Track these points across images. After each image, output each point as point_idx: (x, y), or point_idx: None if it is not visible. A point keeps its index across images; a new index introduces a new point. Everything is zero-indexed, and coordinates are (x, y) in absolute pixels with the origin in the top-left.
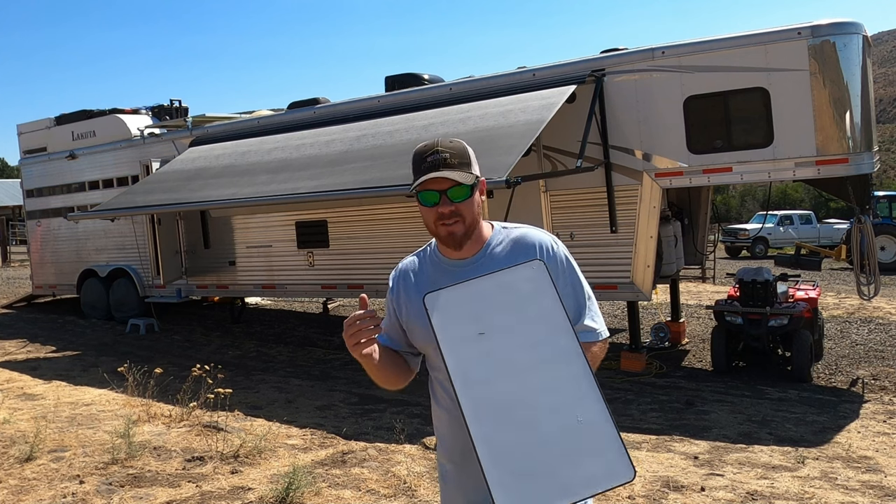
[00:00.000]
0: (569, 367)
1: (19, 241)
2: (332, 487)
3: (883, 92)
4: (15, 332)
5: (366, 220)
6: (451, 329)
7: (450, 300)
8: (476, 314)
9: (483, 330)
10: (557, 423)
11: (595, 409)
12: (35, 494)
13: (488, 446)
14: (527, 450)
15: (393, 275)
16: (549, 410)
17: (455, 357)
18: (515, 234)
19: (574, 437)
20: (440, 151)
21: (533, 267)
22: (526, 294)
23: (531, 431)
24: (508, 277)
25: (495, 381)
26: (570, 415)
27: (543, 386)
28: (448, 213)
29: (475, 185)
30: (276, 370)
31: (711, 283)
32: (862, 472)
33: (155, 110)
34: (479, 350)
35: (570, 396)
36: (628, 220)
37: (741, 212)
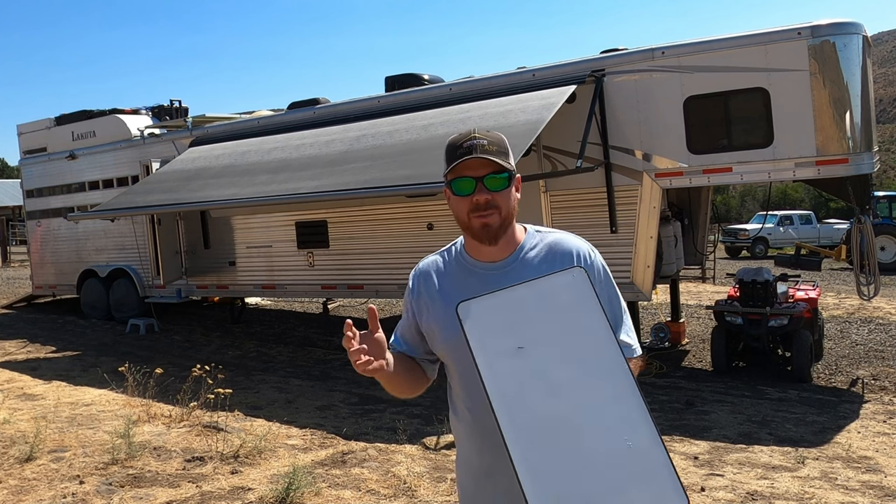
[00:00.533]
0: (614, 383)
1: (19, 241)
2: (332, 488)
3: (883, 92)
4: (15, 333)
5: (366, 220)
6: (487, 342)
7: (485, 310)
8: (514, 326)
9: (522, 343)
10: (604, 447)
11: (643, 432)
12: (35, 494)
13: (530, 471)
14: (571, 476)
15: (413, 275)
16: (594, 432)
17: (493, 373)
18: (551, 239)
19: (622, 461)
20: (477, 138)
21: (574, 274)
22: (567, 304)
23: (576, 455)
24: (548, 285)
25: (536, 400)
26: (618, 437)
27: (588, 405)
28: (484, 203)
29: (513, 176)
30: (276, 370)
31: (711, 283)
32: (862, 472)
33: (155, 110)
34: (518, 365)
35: (617, 417)
36: (628, 221)
37: (741, 212)
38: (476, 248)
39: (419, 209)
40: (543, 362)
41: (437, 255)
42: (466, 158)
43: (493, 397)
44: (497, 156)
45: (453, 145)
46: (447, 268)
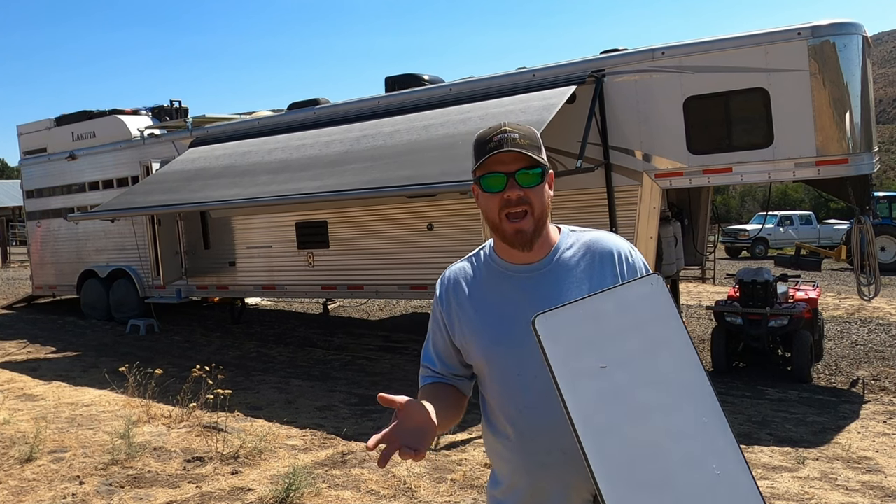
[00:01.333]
0: (699, 406)
1: (19, 241)
2: (332, 488)
3: (883, 92)
4: (15, 333)
5: (366, 220)
6: (568, 360)
7: (564, 323)
8: (595, 341)
9: (605, 362)
10: (694, 477)
11: (731, 458)
12: (35, 495)
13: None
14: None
15: (440, 284)
16: (683, 461)
17: (576, 396)
18: (588, 238)
19: (713, 494)
20: (508, 131)
21: (652, 283)
22: (647, 316)
23: (668, 489)
24: (627, 295)
25: (624, 429)
26: (706, 466)
27: (675, 431)
28: (515, 199)
29: (546, 172)
30: (276, 371)
31: (711, 283)
32: (862, 472)
33: (155, 111)
34: (601, 387)
35: (704, 443)
36: (628, 221)
37: (741, 212)
38: (507, 251)
39: (419, 209)
40: (628, 383)
41: (465, 261)
42: (497, 152)
43: (577, 422)
44: (529, 149)
45: (482, 139)
46: (477, 273)
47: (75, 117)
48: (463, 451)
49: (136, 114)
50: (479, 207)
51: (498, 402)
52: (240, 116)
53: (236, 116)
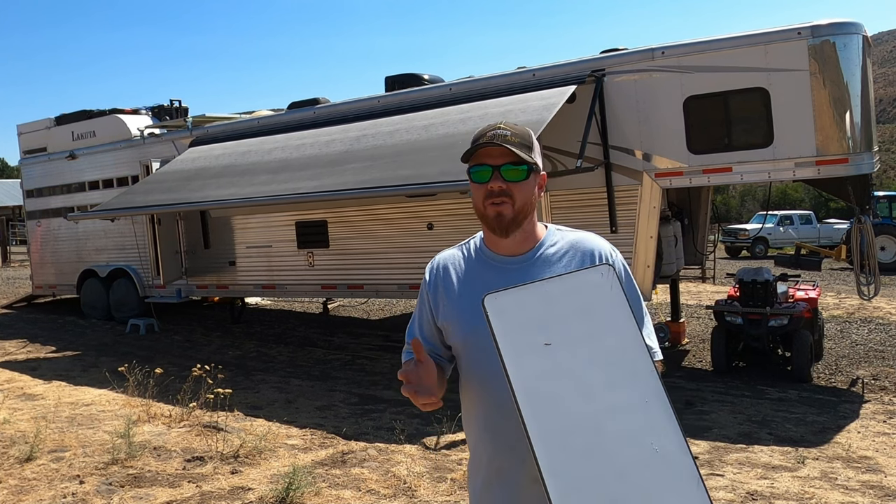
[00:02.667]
0: (642, 387)
1: (19, 241)
2: (332, 487)
3: (883, 92)
4: (15, 333)
5: (366, 220)
6: (514, 337)
7: (513, 303)
8: (541, 321)
9: (549, 340)
10: (631, 452)
11: (671, 438)
12: (35, 494)
13: (556, 473)
14: (597, 480)
15: (430, 267)
16: (622, 437)
17: (518, 369)
18: (572, 237)
19: (648, 468)
20: (502, 128)
21: (603, 272)
22: (596, 302)
23: (603, 460)
24: (577, 281)
25: (563, 401)
26: (644, 442)
27: (615, 408)
28: (497, 191)
29: (533, 170)
30: (276, 370)
31: (711, 283)
32: (862, 472)
33: (155, 110)
34: (544, 363)
35: (644, 421)
36: (628, 221)
37: (741, 212)
38: (495, 242)
39: (419, 209)
40: (572, 361)
41: (456, 249)
42: (485, 146)
43: (519, 396)
44: (517, 147)
45: (478, 135)
46: (465, 261)
47: (75, 117)
48: (463, 451)
49: (136, 113)
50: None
51: (474, 385)
52: (240, 116)
53: (236, 116)
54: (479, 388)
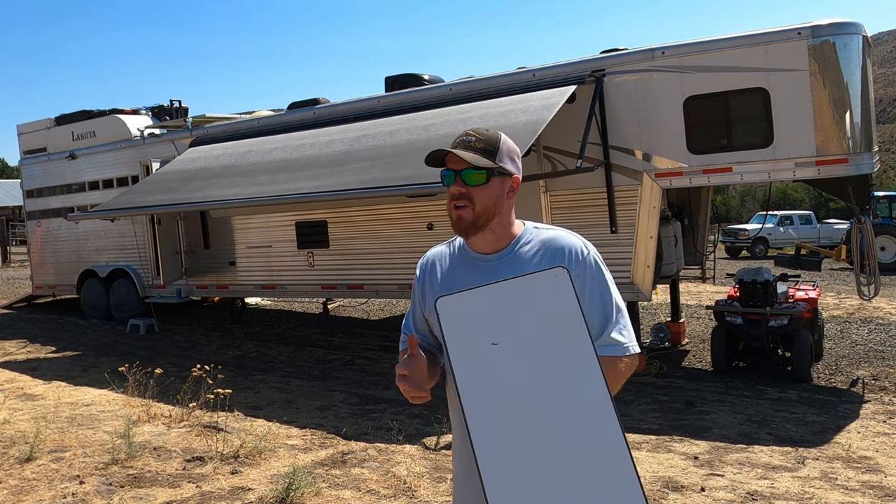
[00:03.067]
0: (586, 388)
1: (19, 241)
2: (332, 488)
3: (883, 92)
4: (15, 333)
5: (366, 220)
6: (461, 336)
7: (463, 305)
8: (490, 322)
9: (496, 340)
10: (571, 452)
11: (610, 437)
12: (35, 495)
13: (494, 471)
14: (533, 475)
15: (421, 263)
16: (562, 436)
17: (463, 367)
18: (545, 236)
19: (587, 468)
20: (469, 134)
21: (556, 274)
22: (546, 304)
23: (541, 458)
24: (528, 283)
25: (505, 399)
26: (584, 440)
27: (558, 407)
28: (458, 194)
29: (494, 174)
30: (276, 370)
31: (711, 283)
32: (862, 472)
33: (155, 110)
34: (489, 362)
35: (587, 422)
36: (628, 221)
37: (741, 212)
38: (471, 241)
39: (419, 209)
40: (517, 361)
41: (444, 246)
42: (449, 153)
43: (462, 392)
44: (479, 153)
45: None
46: (450, 258)
47: (75, 117)
48: None
49: (136, 113)
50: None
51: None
52: (240, 116)
53: (236, 116)
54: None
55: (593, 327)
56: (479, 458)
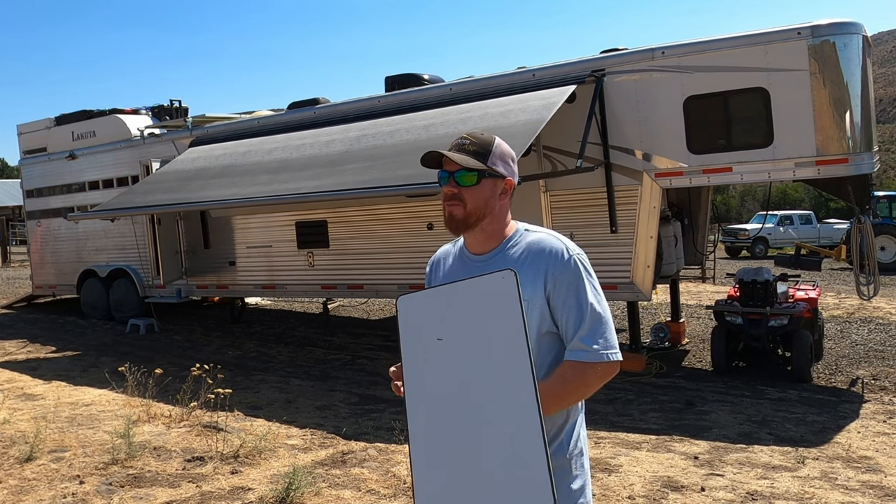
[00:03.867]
0: (516, 390)
1: (19, 241)
2: (332, 487)
3: (883, 92)
4: (15, 333)
5: (366, 220)
6: (412, 332)
7: (420, 303)
8: (439, 320)
9: (442, 336)
10: (489, 442)
11: (529, 435)
12: (35, 495)
13: (422, 461)
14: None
15: (430, 261)
16: (483, 427)
17: (409, 360)
18: (531, 238)
19: (501, 458)
20: (465, 138)
21: (503, 277)
22: (490, 305)
23: (464, 452)
24: (477, 285)
25: (439, 392)
26: (504, 437)
27: (487, 406)
28: (450, 195)
29: (485, 175)
30: (276, 370)
31: (711, 283)
32: (862, 472)
33: (155, 110)
34: (432, 355)
35: (508, 417)
36: (628, 221)
37: (741, 212)
38: (470, 241)
39: (419, 209)
40: (457, 358)
41: (450, 244)
42: (445, 155)
43: (405, 380)
44: (471, 155)
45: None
46: (452, 257)
47: (75, 117)
48: None
49: (136, 113)
50: None
51: None
52: (240, 116)
53: (236, 116)
54: None
55: (566, 331)
56: (411, 442)
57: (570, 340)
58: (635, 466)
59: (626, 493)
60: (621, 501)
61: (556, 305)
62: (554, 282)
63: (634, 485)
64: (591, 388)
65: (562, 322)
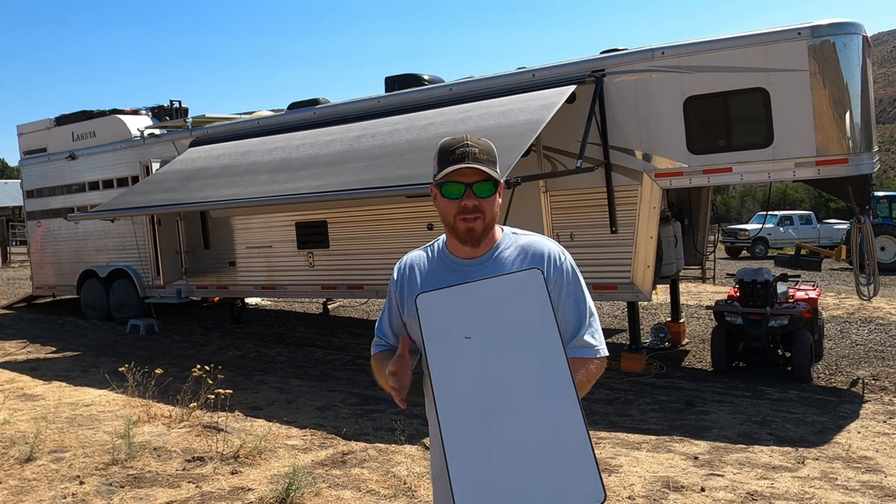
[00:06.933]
0: (553, 382)
1: (19, 241)
2: (332, 488)
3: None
4: (15, 333)
5: (366, 220)
6: (437, 330)
7: (442, 301)
8: (466, 319)
9: (470, 334)
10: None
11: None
12: (35, 495)
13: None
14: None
15: (398, 266)
16: (527, 426)
17: (437, 360)
18: (524, 241)
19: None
20: (470, 145)
21: (530, 275)
22: (519, 302)
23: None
24: (504, 284)
25: (475, 390)
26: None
27: (525, 400)
28: (471, 208)
29: (497, 184)
30: (276, 371)
31: (711, 283)
32: (862, 472)
33: (155, 111)
34: (463, 354)
35: (550, 413)
36: (628, 221)
37: (741, 212)
38: (456, 246)
39: (419, 209)
40: (488, 355)
41: (421, 251)
42: (460, 167)
43: (434, 381)
44: (486, 164)
45: (446, 150)
46: (429, 263)
47: (75, 117)
48: None
49: (136, 114)
50: (437, 207)
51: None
52: (240, 116)
53: (236, 116)
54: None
55: (568, 330)
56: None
57: (572, 339)
58: (635, 467)
59: (626, 494)
60: (621, 501)
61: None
62: (553, 283)
63: (634, 485)
64: (594, 380)
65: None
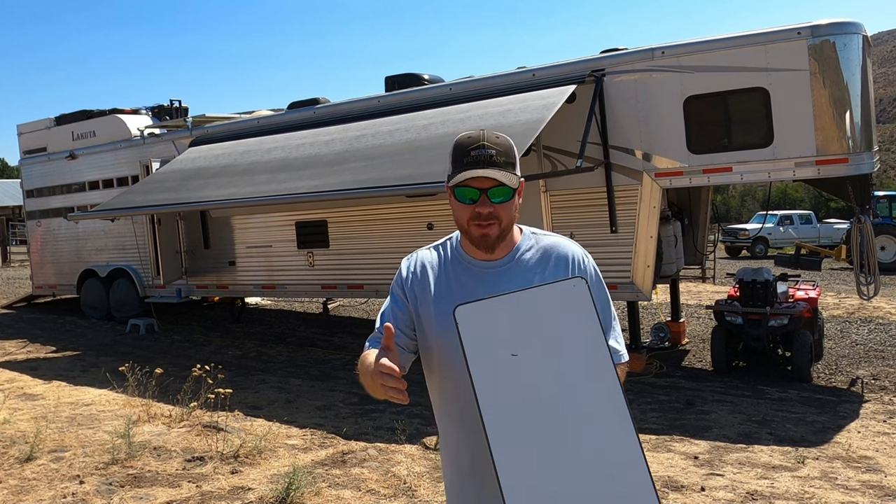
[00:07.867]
0: (606, 400)
1: (19, 241)
2: (332, 487)
3: (883, 92)
4: (15, 333)
5: (366, 219)
6: (482, 348)
7: (483, 315)
8: (510, 332)
9: (517, 351)
10: (588, 463)
11: (627, 446)
12: (35, 494)
13: (513, 483)
14: (554, 489)
15: (407, 263)
16: (581, 447)
17: (484, 380)
18: (546, 243)
19: (605, 478)
20: (487, 147)
21: (575, 285)
22: (565, 314)
23: (560, 470)
24: (548, 294)
25: (525, 410)
26: (603, 454)
27: (576, 419)
28: (486, 214)
29: (516, 188)
30: (276, 370)
31: (711, 283)
32: (862, 472)
33: (155, 110)
34: (510, 374)
35: (605, 433)
36: (628, 220)
37: (741, 212)
38: (472, 247)
39: (419, 209)
40: (537, 373)
41: (432, 249)
42: (475, 174)
43: (482, 404)
44: (504, 167)
45: (462, 149)
46: (443, 263)
47: (75, 117)
48: None
49: (136, 113)
50: (451, 208)
51: (450, 381)
52: (240, 116)
53: (236, 116)
54: (456, 385)
55: None
56: (501, 473)
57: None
58: None
59: None
60: None
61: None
62: None
63: None
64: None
65: None
